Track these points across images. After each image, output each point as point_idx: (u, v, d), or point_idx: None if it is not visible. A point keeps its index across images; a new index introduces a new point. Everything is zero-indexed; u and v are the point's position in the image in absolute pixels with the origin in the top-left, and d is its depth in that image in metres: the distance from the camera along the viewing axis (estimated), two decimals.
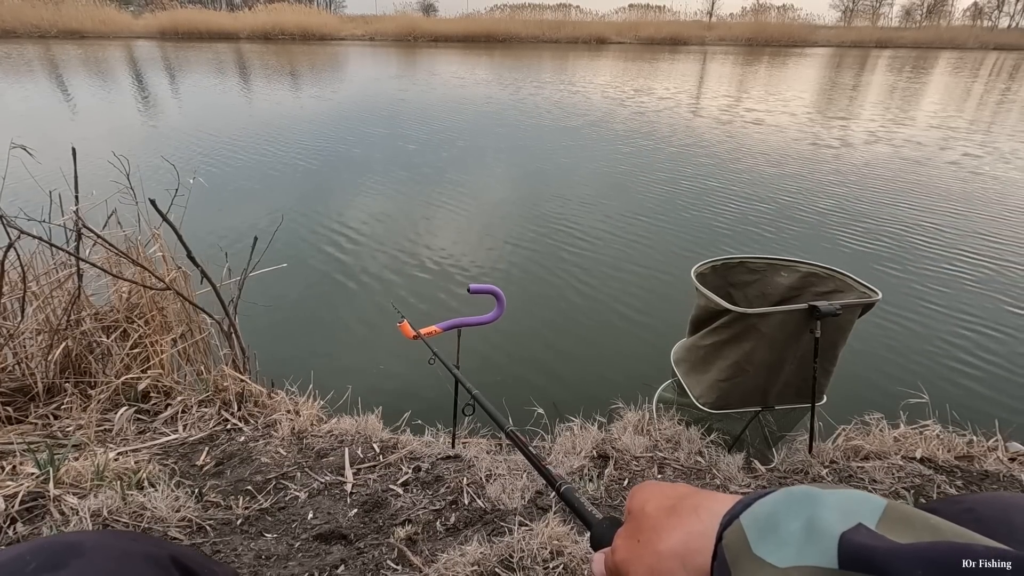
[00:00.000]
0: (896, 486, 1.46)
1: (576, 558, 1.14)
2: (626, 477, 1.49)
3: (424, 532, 1.24)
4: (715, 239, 4.23)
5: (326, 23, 33.63)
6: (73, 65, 15.80)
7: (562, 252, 3.94)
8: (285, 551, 1.18)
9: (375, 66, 18.56)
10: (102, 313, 1.98)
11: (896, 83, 15.39)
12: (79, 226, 1.77)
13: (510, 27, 34.77)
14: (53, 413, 1.70)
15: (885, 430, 1.73)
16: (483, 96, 11.64)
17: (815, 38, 37.46)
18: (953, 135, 8.19)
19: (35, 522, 1.20)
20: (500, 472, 1.45)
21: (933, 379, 2.55)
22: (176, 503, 1.27)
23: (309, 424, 1.70)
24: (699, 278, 1.74)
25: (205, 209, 4.54)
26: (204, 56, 19.93)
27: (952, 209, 4.91)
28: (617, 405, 1.89)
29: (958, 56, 28.35)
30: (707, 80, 15.71)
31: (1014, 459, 1.62)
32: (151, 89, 11.78)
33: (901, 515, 0.26)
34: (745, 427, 1.76)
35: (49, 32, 27.16)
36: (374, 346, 2.83)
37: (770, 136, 8.01)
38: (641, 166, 6.30)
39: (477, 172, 6.12)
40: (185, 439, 1.60)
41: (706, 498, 0.34)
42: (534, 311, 3.18)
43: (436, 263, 3.73)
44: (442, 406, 1.67)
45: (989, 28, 45.00)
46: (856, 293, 1.63)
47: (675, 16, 43.61)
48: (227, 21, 31.99)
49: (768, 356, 1.59)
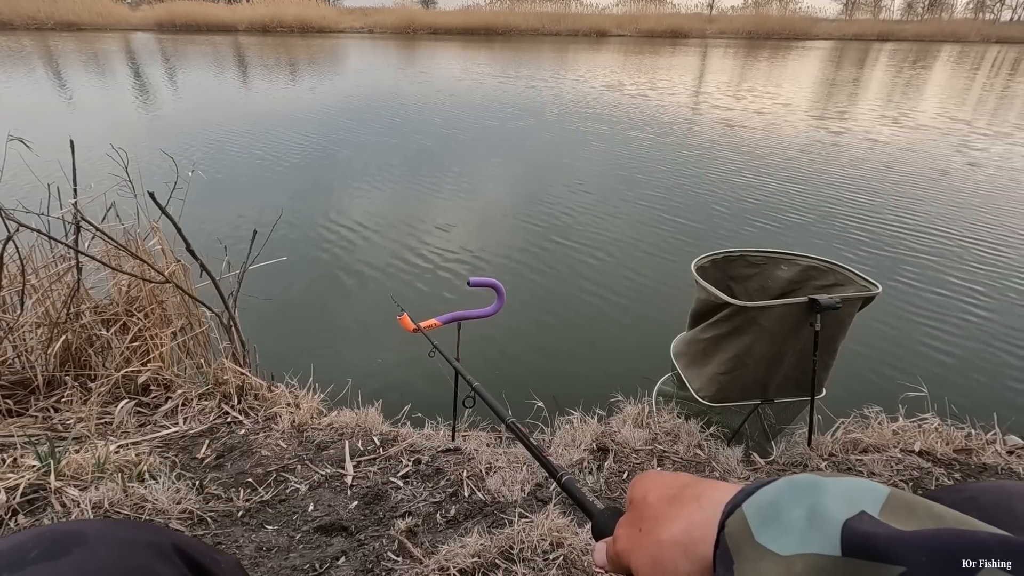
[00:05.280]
0: (895, 479, 1.46)
1: (576, 549, 1.15)
2: (626, 470, 1.49)
3: (424, 524, 1.25)
4: (715, 232, 4.22)
5: (325, 15, 33.34)
6: (70, 57, 15.70)
7: (562, 245, 3.94)
8: (286, 543, 1.19)
9: (375, 58, 18.46)
10: (102, 306, 1.98)
11: (911, 78, 15.32)
12: (78, 219, 1.76)
13: (510, 19, 34.51)
14: (53, 406, 1.71)
15: (884, 423, 1.73)
16: (477, 86, 11.59)
17: (816, 31, 37.23)
18: (956, 128, 8.16)
19: (36, 514, 1.20)
20: (500, 465, 1.45)
21: (932, 373, 2.55)
22: (177, 495, 1.27)
23: (309, 417, 1.71)
24: (699, 271, 1.74)
25: (204, 202, 4.53)
26: (202, 49, 19.80)
27: (953, 202, 4.91)
28: (617, 398, 1.90)
29: (959, 50, 28.20)
30: (707, 74, 15.64)
31: (1012, 452, 1.62)
32: (149, 81, 11.71)
33: (904, 503, 0.25)
34: (744, 420, 1.77)
35: (46, 24, 26.94)
36: (374, 339, 2.83)
37: (772, 130, 7.98)
38: (644, 158, 6.28)
39: (478, 165, 6.10)
40: (186, 432, 1.61)
41: (708, 487, 0.34)
42: (534, 304, 3.18)
43: (436, 256, 3.73)
44: (442, 399, 1.67)
45: (991, 21, 44.75)
46: (856, 287, 1.64)
47: (675, 9, 43.29)
48: (225, 13, 31.72)
49: (768, 349, 1.59)
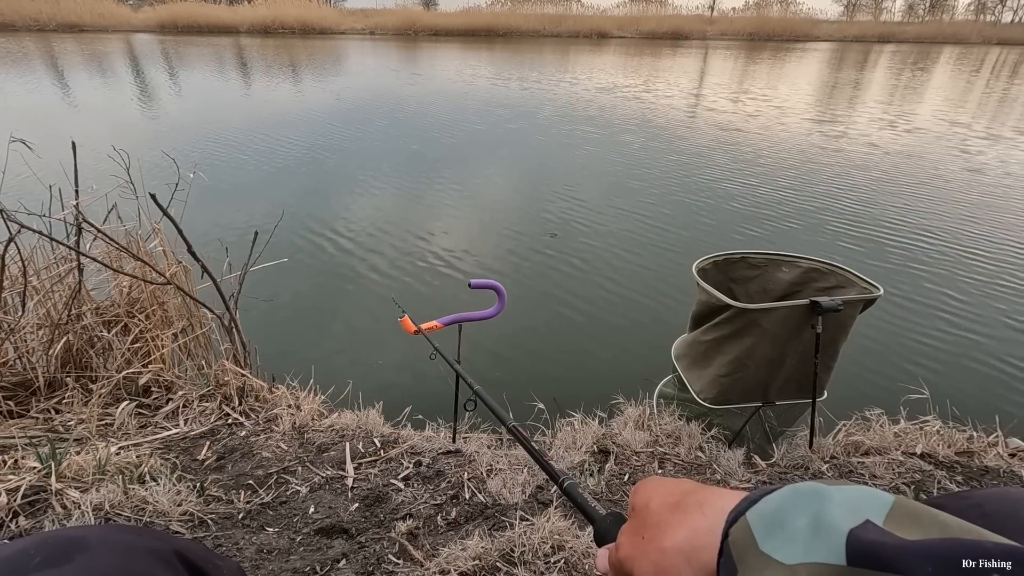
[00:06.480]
0: (896, 481, 1.46)
1: (577, 552, 1.15)
2: (627, 472, 1.49)
3: (425, 527, 1.25)
4: (716, 233, 4.22)
5: (326, 17, 33.45)
6: (72, 59, 15.73)
7: (563, 245, 3.94)
8: (287, 545, 1.19)
9: (376, 60, 18.48)
10: (103, 308, 1.98)
11: (911, 80, 15.31)
12: (79, 220, 1.76)
13: (511, 21, 34.62)
14: (54, 407, 1.71)
15: (885, 425, 1.73)
16: (471, 87, 11.60)
17: (817, 33, 37.25)
18: (958, 132, 8.15)
19: (37, 516, 1.20)
20: (501, 467, 1.45)
21: (933, 375, 2.55)
22: (178, 497, 1.27)
23: (310, 419, 1.71)
24: (700, 273, 1.73)
25: (206, 203, 4.53)
26: (204, 50, 19.82)
27: (956, 203, 4.90)
28: (618, 400, 1.89)
29: (960, 51, 28.18)
30: (708, 76, 15.64)
31: (1014, 455, 1.62)
32: (150, 83, 11.72)
33: (908, 511, 0.25)
34: (746, 422, 1.77)
35: (48, 25, 27.02)
36: (375, 341, 2.83)
37: (772, 132, 7.98)
38: (644, 161, 6.28)
39: (479, 167, 6.10)
40: (186, 433, 1.61)
41: (711, 494, 0.34)
42: (535, 306, 3.17)
43: (437, 258, 3.73)
44: (443, 401, 1.67)
45: (992, 23, 44.74)
46: (857, 289, 1.63)
47: (676, 10, 43.36)
48: (226, 15, 31.82)
49: (769, 352, 1.59)
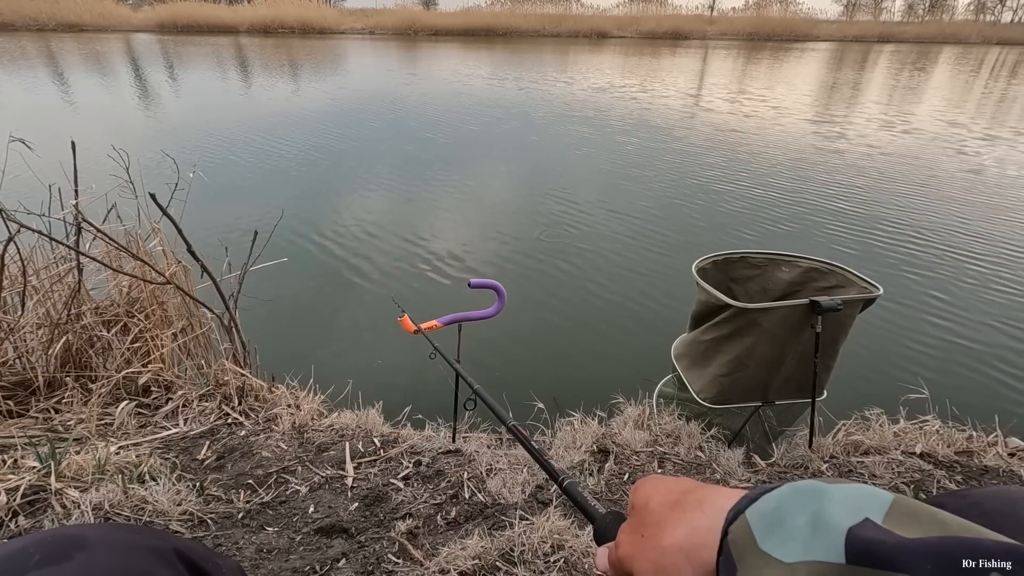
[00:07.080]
0: (896, 481, 1.46)
1: (577, 552, 1.15)
2: (626, 472, 1.49)
3: (425, 526, 1.25)
4: (717, 233, 4.22)
5: (326, 16, 33.43)
6: (71, 58, 15.72)
7: (563, 245, 3.94)
8: (286, 545, 1.19)
9: (376, 59, 18.48)
10: (102, 307, 1.98)
11: (910, 80, 15.32)
12: (79, 220, 1.76)
13: (511, 21, 34.61)
14: (54, 407, 1.70)
15: (885, 425, 1.73)
16: (464, 87, 11.60)
17: (816, 32, 37.25)
18: (958, 133, 8.16)
19: (37, 515, 1.20)
20: (501, 467, 1.45)
21: (933, 374, 2.55)
22: (177, 497, 1.27)
23: (310, 418, 1.71)
24: (700, 273, 1.74)
25: (205, 203, 4.53)
26: (203, 50, 19.82)
27: (955, 203, 4.91)
28: (617, 400, 1.90)
29: (960, 51, 28.20)
30: (707, 76, 15.64)
31: (1014, 454, 1.62)
32: (150, 83, 11.72)
33: (908, 510, 0.25)
34: (745, 422, 1.77)
35: (47, 25, 27.00)
36: (375, 340, 2.83)
37: (774, 133, 7.98)
38: (643, 162, 6.28)
39: (479, 167, 6.10)
40: (186, 433, 1.61)
41: (710, 492, 0.34)
42: (535, 306, 3.17)
43: (437, 257, 3.73)
44: (442, 401, 1.67)
45: (992, 23, 44.75)
46: (857, 288, 1.63)
47: (676, 10, 43.36)
48: (226, 14, 31.81)
49: (769, 351, 1.59)
